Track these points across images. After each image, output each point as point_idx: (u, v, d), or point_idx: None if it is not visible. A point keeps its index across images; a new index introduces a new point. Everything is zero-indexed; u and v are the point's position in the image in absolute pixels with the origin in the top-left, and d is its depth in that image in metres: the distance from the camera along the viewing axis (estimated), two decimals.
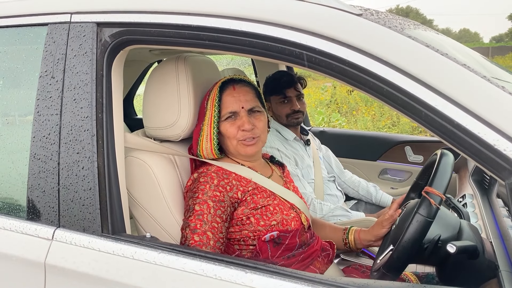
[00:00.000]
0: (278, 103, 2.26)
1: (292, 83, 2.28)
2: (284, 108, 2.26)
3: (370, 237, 1.45)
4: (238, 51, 1.02)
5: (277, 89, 2.26)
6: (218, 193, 1.28)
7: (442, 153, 1.21)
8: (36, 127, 1.16)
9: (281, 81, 2.27)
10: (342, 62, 0.90)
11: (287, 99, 2.26)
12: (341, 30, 0.91)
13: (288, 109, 2.26)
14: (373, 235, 1.44)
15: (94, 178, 1.09)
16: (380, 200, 2.42)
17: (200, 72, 1.41)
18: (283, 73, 2.34)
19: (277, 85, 2.26)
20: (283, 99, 2.26)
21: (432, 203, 1.07)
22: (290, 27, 0.95)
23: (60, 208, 1.11)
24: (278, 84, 2.26)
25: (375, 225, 1.44)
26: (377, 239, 1.43)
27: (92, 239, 1.07)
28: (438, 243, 1.11)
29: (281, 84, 2.26)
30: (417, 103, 0.84)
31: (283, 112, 2.27)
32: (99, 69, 1.13)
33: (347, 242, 1.52)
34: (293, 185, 1.57)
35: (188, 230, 1.22)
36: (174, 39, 1.07)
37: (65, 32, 1.18)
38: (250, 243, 1.30)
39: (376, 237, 1.43)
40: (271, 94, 2.28)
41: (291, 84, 2.27)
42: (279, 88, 2.25)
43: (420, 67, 0.84)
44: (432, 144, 2.63)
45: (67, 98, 1.14)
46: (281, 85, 2.25)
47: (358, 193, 2.49)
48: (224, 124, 1.38)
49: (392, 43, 0.88)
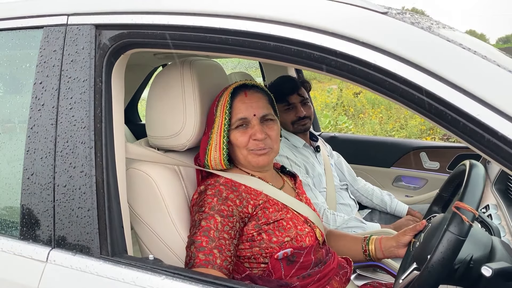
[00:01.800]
0: (282, 111, 2.15)
1: (295, 89, 2.17)
2: (289, 115, 2.17)
3: (392, 242, 1.36)
4: (249, 54, 0.93)
5: (279, 97, 2.15)
6: (227, 207, 1.19)
7: (471, 164, 1.11)
8: (30, 139, 1.07)
9: (283, 88, 2.15)
10: (367, 66, 0.80)
11: (291, 106, 2.16)
12: (366, 30, 0.81)
13: (293, 116, 2.17)
14: (396, 240, 1.35)
15: (92, 194, 1.00)
16: (396, 209, 2.31)
17: (207, 77, 1.32)
18: (285, 79, 2.24)
19: (279, 92, 2.15)
20: (287, 107, 2.16)
21: (465, 220, 0.97)
22: (306, 27, 0.85)
23: (56, 227, 1.03)
24: (279, 91, 2.14)
25: (398, 233, 1.36)
26: (399, 246, 1.34)
27: (89, 262, 0.98)
28: (470, 264, 1.02)
29: (283, 91, 2.14)
30: (455, 112, 0.74)
31: (288, 120, 2.17)
32: (97, 75, 1.05)
33: (367, 251, 1.42)
34: (305, 197, 1.48)
35: (193, 247, 1.13)
36: (179, 42, 0.99)
37: (62, 35, 1.09)
38: (262, 261, 1.22)
39: (398, 242, 1.34)
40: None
41: (293, 90, 2.17)
42: (282, 96, 2.13)
43: (458, 72, 0.74)
44: (448, 150, 2.54)
45: (63, 107, 1.05)
46: (283, 92, 2.14)
47: (372, 202, 2.39)
48: (234, 133, 1.29)
49: (427, 45, 0.78)
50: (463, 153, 2.44)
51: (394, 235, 1.38)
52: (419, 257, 1.16)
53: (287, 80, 2.22)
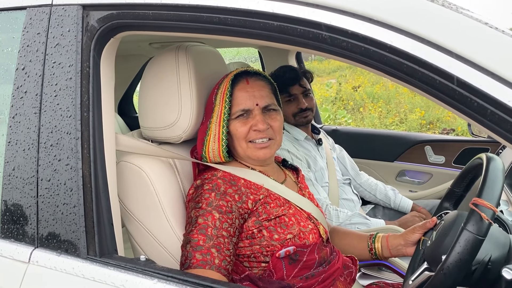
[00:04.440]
0: (283, 102, 2.05)
1: (297, 80, 2.09)
2: (291, 107, 2.08)
3: (400, 240, 1.29)
4: (251, 36, 0.85)
5: (280, 88, 2.05)
6: (225, 202, 1.11)
7: (489, 157, 1.04)
8: (12, 129, 1.00)
9: (284, 78, 2.06)
10: (382, 48, 0.72)
11: (292, 97, 2.08)
12: (381, 7, 0.73)
13: (294, 108, 2.08)
14: (404, 238, 1.28)
15: (78, 189, 0.92)
16: (400, 205, 2.23)
17: (204, 64, 1.24)
18: (286, 69, 2.14)
19: (280, 82, 2.05)
20: (288, 98, 2.08)
21: (484, 218, 0.90)
22: (313, 5, 0.77)
23: (39, 225, 0.95)
24: (280, 81, 2.05)
25: (406, 231, 1.29)
26: (408, 244, 1.27)
27: (75, 263, 0.90)
28: (488, 265, 0.95)
29: (284, 81, 2.05)
30: (482, 98, 0.66)
31: (289, 112, 2.09)
32: (84, 60, 0.96)
33: (373, 249, 1.35)
34: (308, 192, 1.40)
35: (189, 247, 1.05)
36: (174, 23, 0.90)
37: (46, 16, 1.01)
38: (262, 259, 1.14)
39: (407, 241, 1.27)
40: None
41: (295, 80, 2.08)
42: (282, 86, 2.03)
43: (487, 53, 0.66)
44: (454, 144, 2.47)
45: (47, 95, 0.97)
46: (284, 83, 2.04)
47: (375, 197, 2.31)
48: (234, 123, 1.21)
49: (450, 23, 0.69)
50: (469, 147, 2.37)
51: (402, 233, 1.30)
52: (431, 257, 1.09)
53: (289, 70, 2.13)
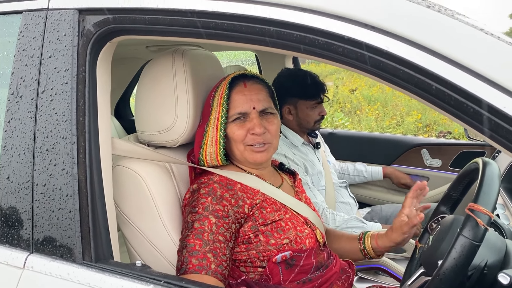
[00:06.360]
0: (309, 107, 2.07)
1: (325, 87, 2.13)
2: (315, 113, 2.10)
3: (389, 243, 1.30)
4: (247, 41, 0.85)
5: (312, 93, 2.07)
6: (222, 207, 1.11)
7: (485, 162, 1.04)
8: (7, 134, 0.99)
9: (317, 85, 2.09)
10: (378, 53, 0.72)
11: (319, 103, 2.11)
12: (378, 13, 0.73)
13: (317, 115, 2.11)
14: (392, 241, 1.28)
15: (74, 194, 0.92)
16: (372, 173, 2.42)
17: (201, 68, 1.24)
18: (313, 75, 2.15)
19: (312, 88, 2.07)
20: (316, 104, 2.09)
21: (480, 223, 0.90)
22: (310, 10, 0.77)
23: (34, 230, 0.94)
24: (314, 87, 2.07)
25: (393, 231, 1.28)
26: (398, 245, 1.29)
27: (70, 269, 0.89)
28: (484, 270, 0.95)
29: (318, 87, 2.08)
30: (477, 104, 0.66)
31: (312, 118, 2.10)
32: (81, 65, 0.96)
33: (365, 251, 1.35)
34: (305, 196, 1.40)
35: (185, 251, 1.04)
36: (170, 28, 0.90)
37: (42, 20, 1.00)
38: (259, 264, 1.14)
39: (396, 243, 1.28)
40: (301, 97, 2.07)
41: (324, 88, 2.11)
42: (315, 92, 2.07)
43: (483, 60, 0.67)
44: (451, 147, 2.46)
45: (43, 100, 0.96)
46: (317, 89, 2.07)
47: (349, 176, 2.48)
48: (231, 126, 1.21)
49: (446, 29, 0.70)
50: (466, 150, 2.37)
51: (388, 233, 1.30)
52: (427, 261, 1.09)
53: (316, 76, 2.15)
